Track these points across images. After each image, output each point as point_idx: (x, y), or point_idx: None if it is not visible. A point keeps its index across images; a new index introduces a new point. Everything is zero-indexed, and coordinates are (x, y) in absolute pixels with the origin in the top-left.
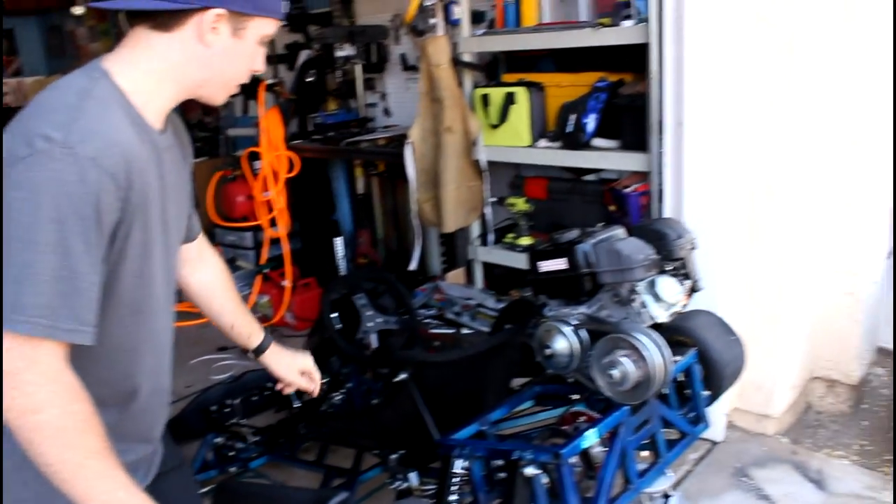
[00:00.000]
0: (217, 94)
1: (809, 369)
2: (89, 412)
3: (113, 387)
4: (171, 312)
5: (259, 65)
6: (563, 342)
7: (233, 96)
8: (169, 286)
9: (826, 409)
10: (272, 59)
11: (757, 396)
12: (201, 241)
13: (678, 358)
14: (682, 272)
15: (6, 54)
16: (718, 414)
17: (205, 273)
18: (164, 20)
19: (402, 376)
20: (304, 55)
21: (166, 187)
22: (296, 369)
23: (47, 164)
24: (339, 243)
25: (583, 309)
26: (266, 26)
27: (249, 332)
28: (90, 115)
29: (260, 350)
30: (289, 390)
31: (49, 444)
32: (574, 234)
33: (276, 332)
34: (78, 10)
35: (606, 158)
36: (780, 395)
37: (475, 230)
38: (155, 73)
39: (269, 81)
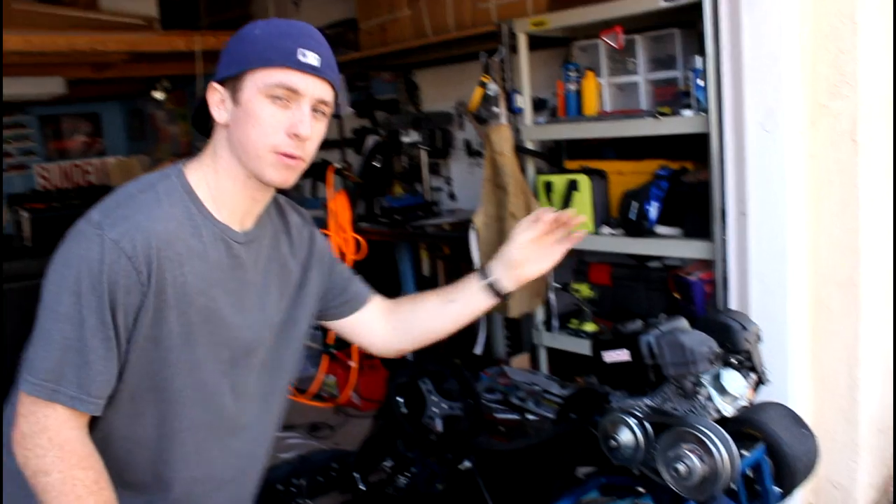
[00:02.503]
0: (262, 170)
1: (890, 466)
2: (93, 480)
3: (138, 471)
4: (242, 401)
5: (297, 127)
6: (629, 434)
7: (303, 178)
8: (238, 376)
9: None
10: (340, 144)
11: (834, 494)
12: (377, 303)
13: (746, 452)
14: (748, 365)
15: (93, 136)
16: None
17: (390, 320)
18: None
19: (467, 464)
20: (371, 140)
21: (242, 280)
22: (518, 244)
23: (81, 242)
24: None
25: (647, 400)
26: (264, 77)
27: (465, 290)
28: (137, 205)
29: (492, 286)
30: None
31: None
32: (637, 325)
33: (342, 411)
34: (158, 95)
35: (669, 246)
36: (860, 493)
37: (539, 315)
38: (211, 166)
39: (338, 166)
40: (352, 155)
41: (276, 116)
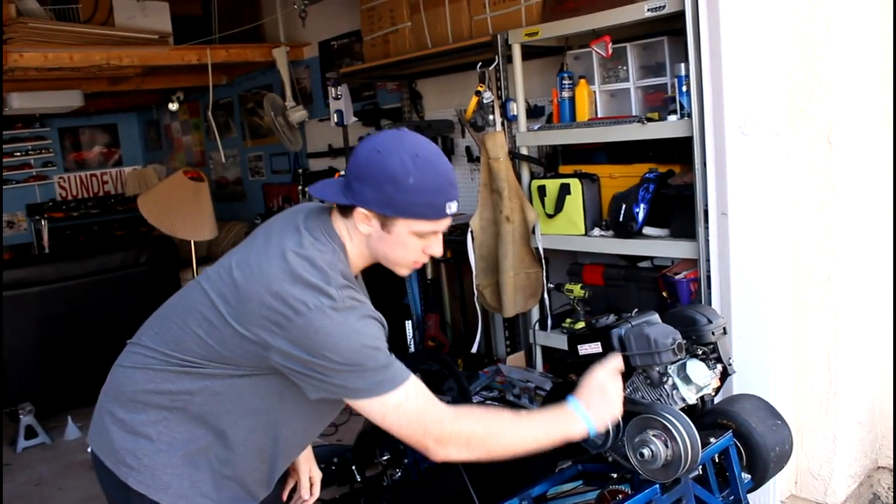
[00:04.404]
0: (394, 268)
1: (872, 458)
2: (478, 414)
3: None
4: None
5: (432, 250)
6: None
7: (309, 185)
8: None
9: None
10: (345, 151)
11: (814, 484)
12: None
13: (714, 440)
14: (714, 356)
15: (110, 147)
16: (774, 501)
17: None
18: (342, 210)
19: None
20: None
21: None
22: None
23: (349, 315)
24: (408, 326)
25: None
26: (417, 225)
27: None
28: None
29: None
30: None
31: (488, 445)
32: (610, 319)
33: (346, 409)
34: (173, 106)
35: (656, 246)
36: (839, 483)
37: (535, 315)
38: (349, 243)
39: (342, 173)
40: None
41: (419, 244)
